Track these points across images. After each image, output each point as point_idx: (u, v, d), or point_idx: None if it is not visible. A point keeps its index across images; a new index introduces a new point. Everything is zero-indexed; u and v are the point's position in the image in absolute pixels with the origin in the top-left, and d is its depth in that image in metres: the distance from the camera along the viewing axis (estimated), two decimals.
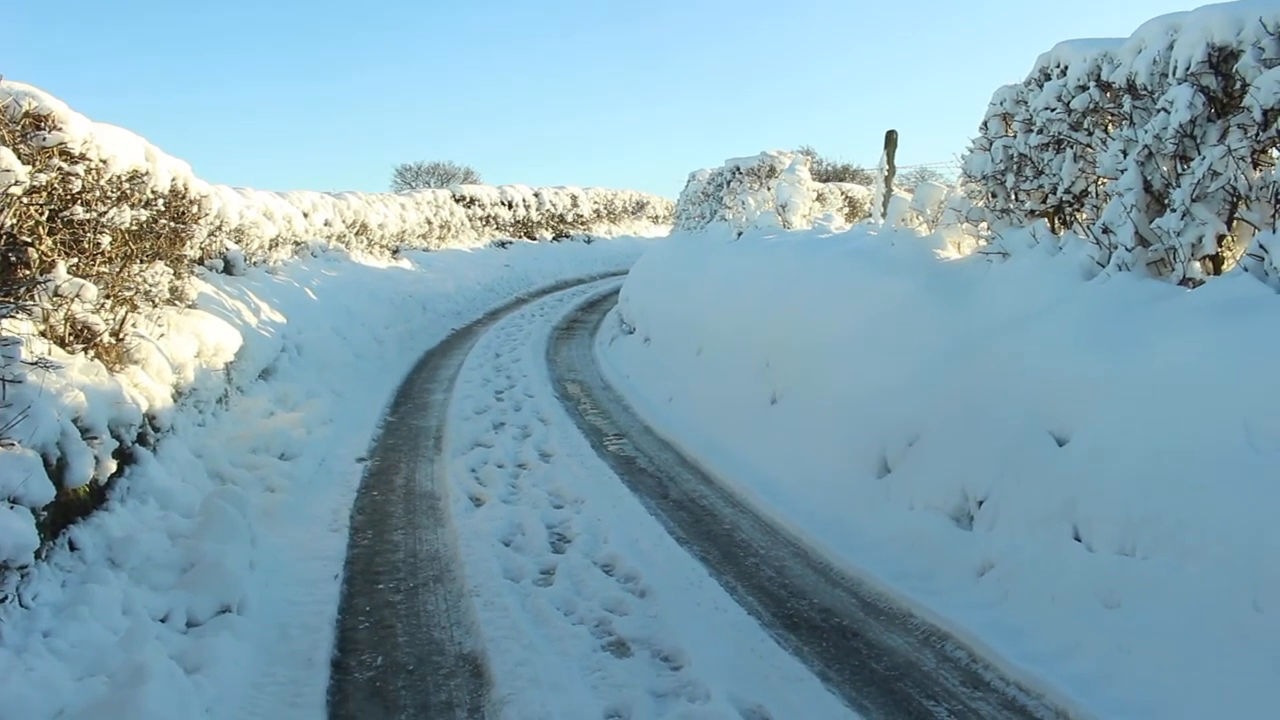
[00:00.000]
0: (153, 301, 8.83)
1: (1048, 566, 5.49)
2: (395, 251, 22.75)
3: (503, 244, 29.39)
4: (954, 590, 5.89)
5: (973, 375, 7.03)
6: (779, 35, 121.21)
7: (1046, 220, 8.01)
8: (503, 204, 30.81)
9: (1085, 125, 7.54)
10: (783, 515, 7.51)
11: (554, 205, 33.74)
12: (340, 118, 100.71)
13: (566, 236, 33.95)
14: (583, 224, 35.53)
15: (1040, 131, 7.90)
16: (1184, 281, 6.33)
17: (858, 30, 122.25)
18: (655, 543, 6.94)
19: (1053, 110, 7.72)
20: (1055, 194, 7.89)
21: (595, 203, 37.05)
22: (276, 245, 16.01)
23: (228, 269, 13.31)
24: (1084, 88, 7.40)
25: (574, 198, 35.23)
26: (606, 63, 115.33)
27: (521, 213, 31.74)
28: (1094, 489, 5.43)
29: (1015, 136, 8.31)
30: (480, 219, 29.44)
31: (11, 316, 5.33)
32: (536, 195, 32.93)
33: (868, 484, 7.48)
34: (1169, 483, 5.04)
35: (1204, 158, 6.08)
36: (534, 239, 31.95)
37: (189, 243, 10.87)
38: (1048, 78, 7.94)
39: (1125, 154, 6.84)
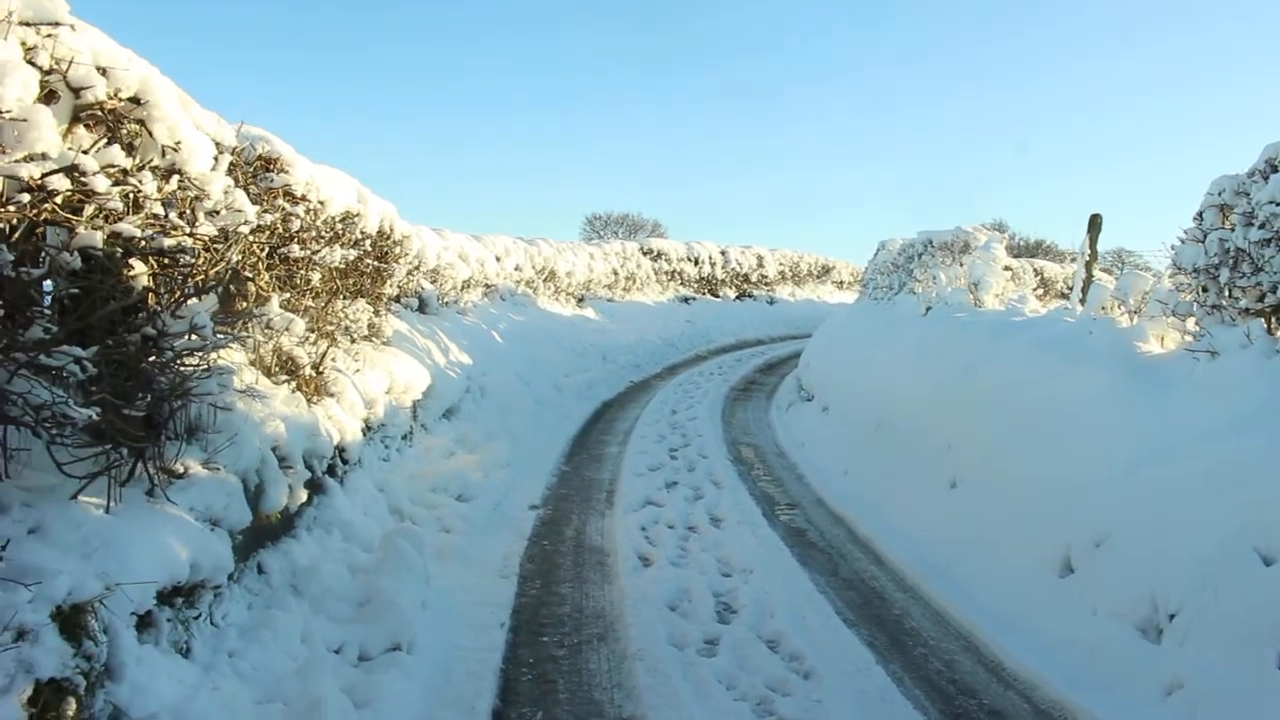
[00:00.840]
0: (351, 337, 9.22)
1: (1246, 695, 5.12)
2: (581, 300, 23.22)
3: (686, 299, 29.65)
4: (1137, 707, 5.55)
5: (1171, 479, 6.66)
6: (977, 107, 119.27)
7: (1263, 320, 7.57)
8: (689, 260, 31.10)
9: None
10: (955, 605, 7.25)
11: (739, 264, 33.88)
12: (535, 160, 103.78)
13: (750, 296, 34.03)
14: (766, 285, 35.55)
15: (1262, 226, 7.50)
16: None
17: (1064, 105, 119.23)
18: (822, 622, 6.79)
19: (1278, 205, 7.32)
20: (1275, 293, 7.45)
21: (780, 264, 37.04)
22: (468, 287, 16.57)
23: (421, 307, 13.83)
24: None
25: (760, 258, 35.30)
26: (801, 125, 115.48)
27: (707, 270, 31.98)
28: None
29: (1233, 230, 7.90)
30: (665, 273, 29.80)
31: (228, 347, 5.64)
32: (723, 254, 33.14)
33: (1048, 582, 7.15)
34: None
35: None
36: (717, 296, 32.13)
37: (389, 281, 11.34)
38: (1275, 170, 7.54)
39: None
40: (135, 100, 4.39)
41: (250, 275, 6.43)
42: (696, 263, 31.47)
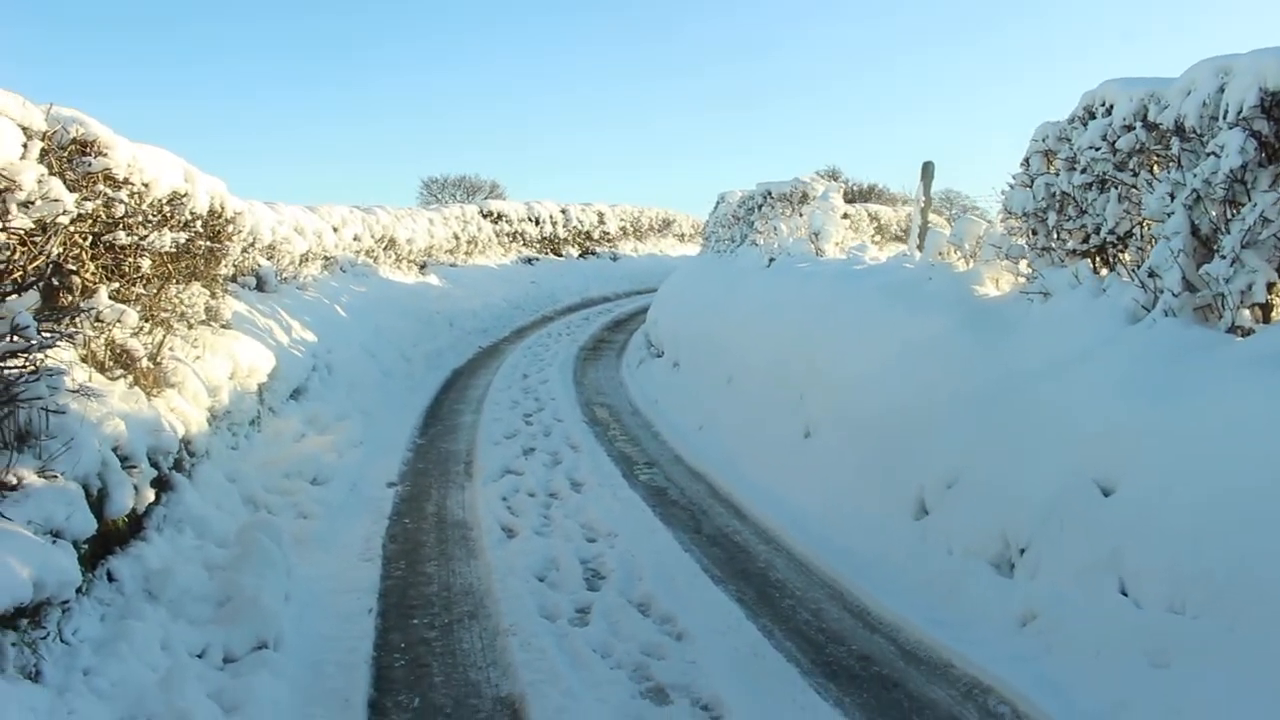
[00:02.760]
0: (188, 323, 8.84)
1: (1093, 620, 5.40)
2: (423, 267, 22.81)
3: (529, 260, 29.45)
4: (995, 641, 5.80)
5: (1014, 418, 6.94)
6: (802, 53, 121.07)
7: (1089, 260, 7.92)
8: (530, 220, 30.90)
9: (1131, 166, 7.45)
10: (818, 554, 7.43)
11: (581, 222, 33.83)
12: (367, 127, 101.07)
13: (593, 254, 34.00)
14: (609, 241, 35.59)
15: (1084, 170, 7.82)
16: (1233, 329, 6.23)
17: (881, 49, 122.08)
18: (690, 581, 6.87)
19: (1097, 150, 7.63)
20: (1098, 234, 7.80)
21: (622, 220, 37.12)
22: (307, 261, 16.07)
23: (260, 286, 13.35)
24: (1130, 128, 7.32)
25: (601, 215, 35.31)
26: (629, 78, 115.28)
27: (549, 229, 31.84)
28: (1141, 542, 5.34)
29: (1058, 174, 8.23)
30: (507, 235, 29.52)
31: (55, 346, 5.33)
32: (564, 212, 33.05)
33: (905, 525, 7.40)
34: (1219, 540, 4.94)
35: (1255, 204, 5.99)
36: (560, 255, 32.00)
37: (224, 261, 10.90)
38: (1092, 116, 7.85)
39: (1172, 197, 6.74)
40: None
41: (74, 267, 6.07)
42: (538, 223, 31.28)
